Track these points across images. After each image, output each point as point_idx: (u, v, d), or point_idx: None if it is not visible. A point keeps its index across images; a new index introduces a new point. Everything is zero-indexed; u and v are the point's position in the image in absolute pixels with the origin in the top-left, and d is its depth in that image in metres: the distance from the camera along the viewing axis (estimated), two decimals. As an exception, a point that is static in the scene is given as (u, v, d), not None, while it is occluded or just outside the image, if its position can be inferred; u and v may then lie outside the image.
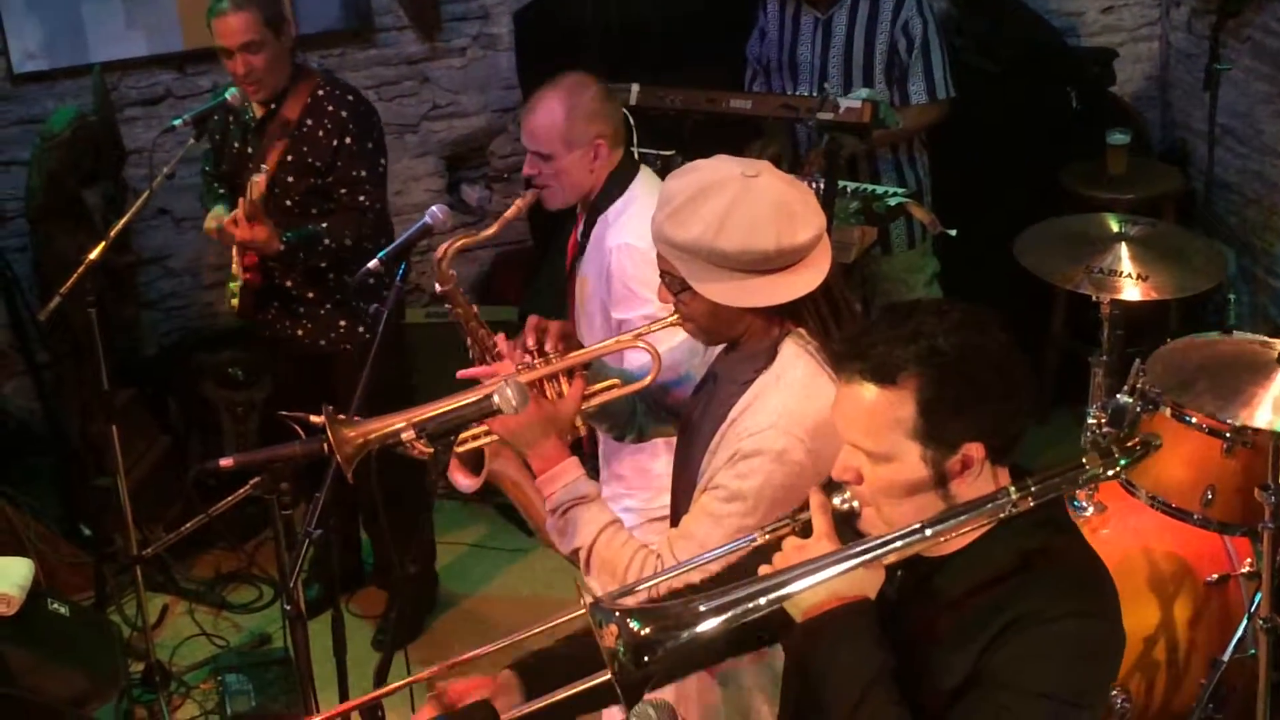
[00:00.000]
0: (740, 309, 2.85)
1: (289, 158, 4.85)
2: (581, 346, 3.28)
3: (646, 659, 2.15)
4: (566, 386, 3.14)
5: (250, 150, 4.92)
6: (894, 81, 5.36)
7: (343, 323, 4.99)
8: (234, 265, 4.99)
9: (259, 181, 4.61)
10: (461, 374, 3.26)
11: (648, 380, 3.16)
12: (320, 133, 4.83)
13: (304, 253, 4.81)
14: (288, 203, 4.89)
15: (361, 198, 4.85)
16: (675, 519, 3.13)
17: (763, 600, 2.21)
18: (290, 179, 4.87)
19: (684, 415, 3.18)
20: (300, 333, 5.06)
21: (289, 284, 4.95)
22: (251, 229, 4.65)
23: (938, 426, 2.27)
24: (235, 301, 5.04)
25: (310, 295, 4.97)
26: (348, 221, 4.84)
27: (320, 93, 4.86)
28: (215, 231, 4.80)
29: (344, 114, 4.84)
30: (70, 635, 4.64)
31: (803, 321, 2.87)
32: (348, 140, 4.83)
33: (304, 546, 3.24)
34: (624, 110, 4.07)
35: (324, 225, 4.82)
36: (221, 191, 5.04)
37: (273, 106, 4.85)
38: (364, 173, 4.86)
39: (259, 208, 4.66)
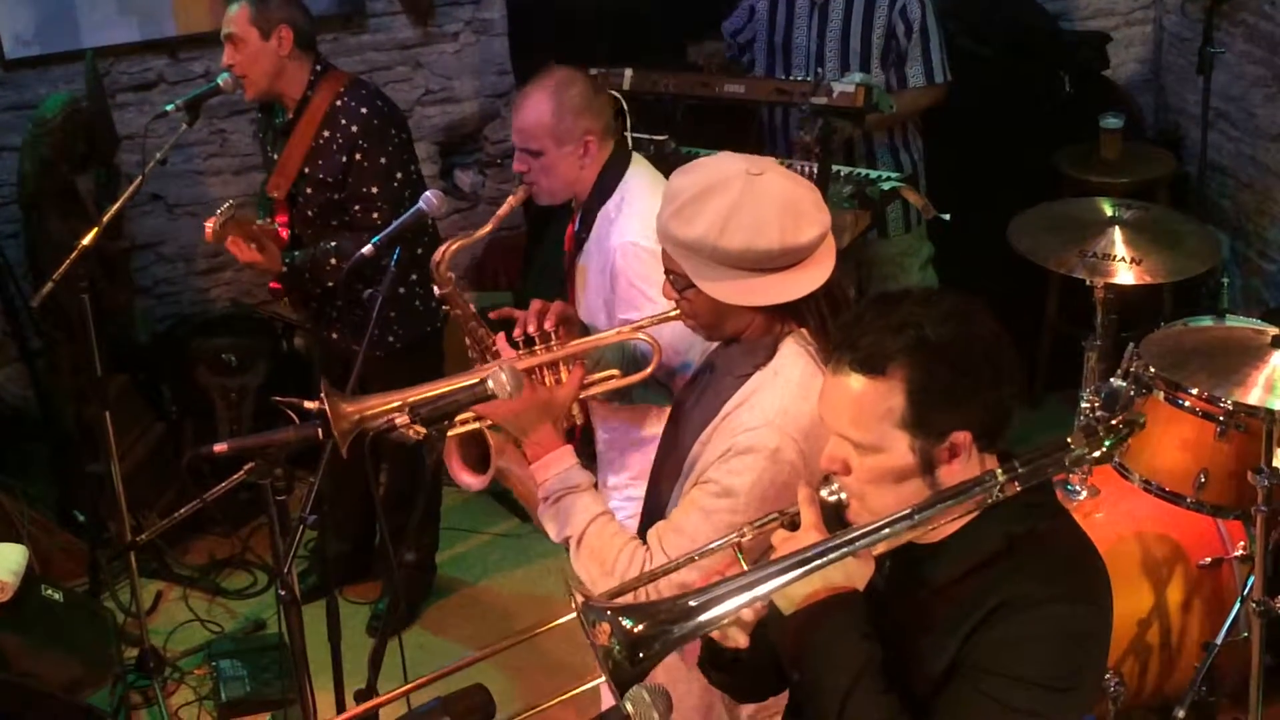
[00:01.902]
0: (743, 307, 2.86)
1: (305, 169, 4.80)
2: (583, 332, 3.29)
3: (641, 655, 2.16)
4: (566, 375, 3.15)
5: (275, 155, 4.90)
6: (890, 65, 5.36)
7: (374, 331, 4.89)
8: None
9: (221, 210, 4.51)
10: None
11: (647, 371, 3.20)
12: (333, 147, 4.74)
13: (310, 272, 4.78)
14: (309, 213, 4.85)
15: (375, 215, 4.72)
16: (651, 501, 3.16)
17: (753, 593, 2.22)
18: (309, 190, 4.82)
19: (676, 401, 3.19)
20: (335, 335, 5.04)
21: (317, 290, 4.91)
22: (250, 251, 4.64)
23: (926, 416, 2.27)
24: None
25: (339, 303, 4.91)
26: (359, 240, 4.58)
27: (338, 103, 4.75)
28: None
29: (355, 129, 4.72)
30: (64, 621, 4.64)
31: (804, 321, 2.88)
32: (358, 157, 4.72)
33: (298, 532, 3.24)
34: (618, 95, 4.05)
35: (333, 244, 4.74)
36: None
37: (292, 114, 4.80)
38: (376, 189, 4.74)
39: (254, 230, 4.65)
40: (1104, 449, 2.37)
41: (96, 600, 5.22)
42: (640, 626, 2.16)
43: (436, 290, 3.61)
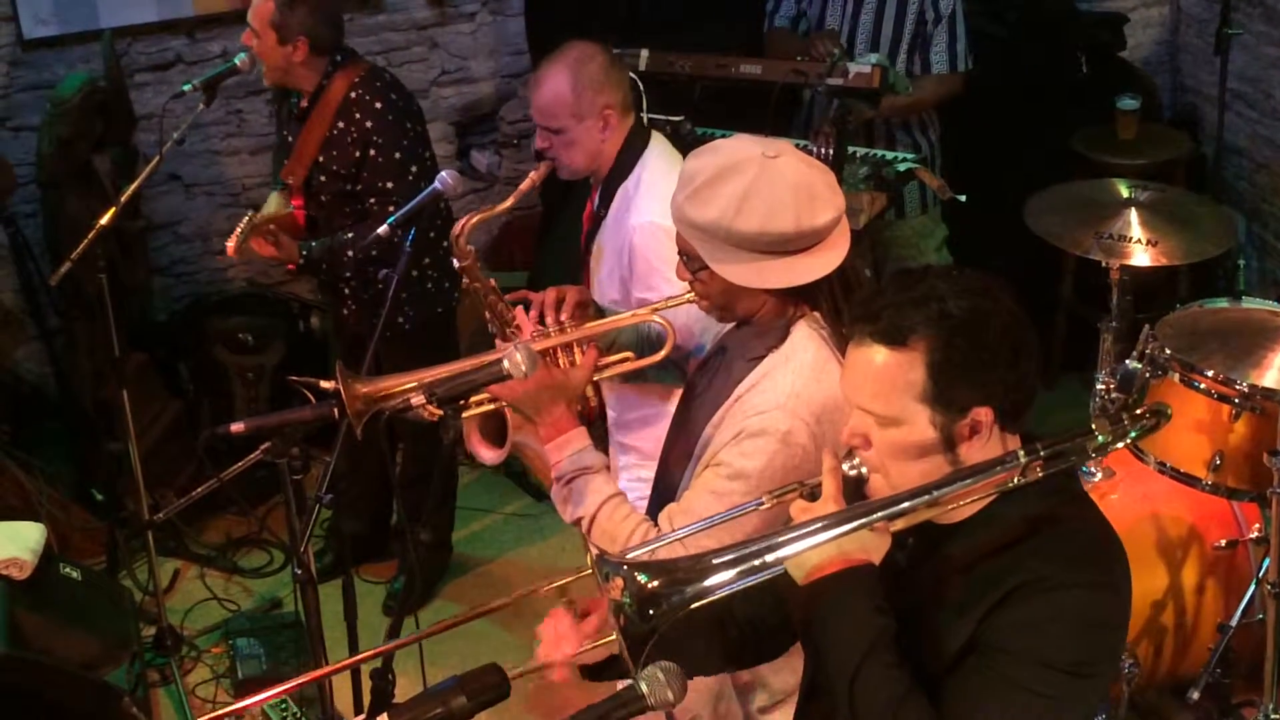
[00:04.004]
0: (756, 289, 2.86)
1: (320, 158, 4.81)
2: (598, 314, 3.30)
3: (652, 612, 2.16)
4: (580, 357, 3.15)
5: (290, 139, 4.92)
6: (915, 49, 5.35)
7: (385, 311, 4.90)
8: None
9: (241, 227, 4.52)
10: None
11: (662, 354, 3.20)
12: (347, 140, 4.75)
13: (326, 264, 4.79)
14: (323, 198, 4.88)
15: (391, 208, 4.64)
16: (662, 482, 3.18)
17: (768, 558, 2.22)
18: (322, 178, 4.84)
19: (688, 384, 3.20)
20: (345, 313, 5.06)
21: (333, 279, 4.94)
22: (268, 247, 4.66)
23: (947, 389, 2.27)
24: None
25: (353, 282, 4.93)
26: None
27: (353, 95, 4.75)
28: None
29: (369, 124, 4.73)
30: (82, 599, 4.66)
31: (817, 304, 2.89)
32: (371, 153, 4.73)
33: (314, 511, 3.26)
34: (633, 76, 4.05)
35: (349, 235, 4.75)
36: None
37: (307, 102, 4.81)
38: (391, 184, 4.74)
39: (270, 229, 4.66)
40: (1128, 440, 2.37)
41: (114, 578, 5.24)
42: (655, 582, 2.17)
43: (455, 263, 3.61)
